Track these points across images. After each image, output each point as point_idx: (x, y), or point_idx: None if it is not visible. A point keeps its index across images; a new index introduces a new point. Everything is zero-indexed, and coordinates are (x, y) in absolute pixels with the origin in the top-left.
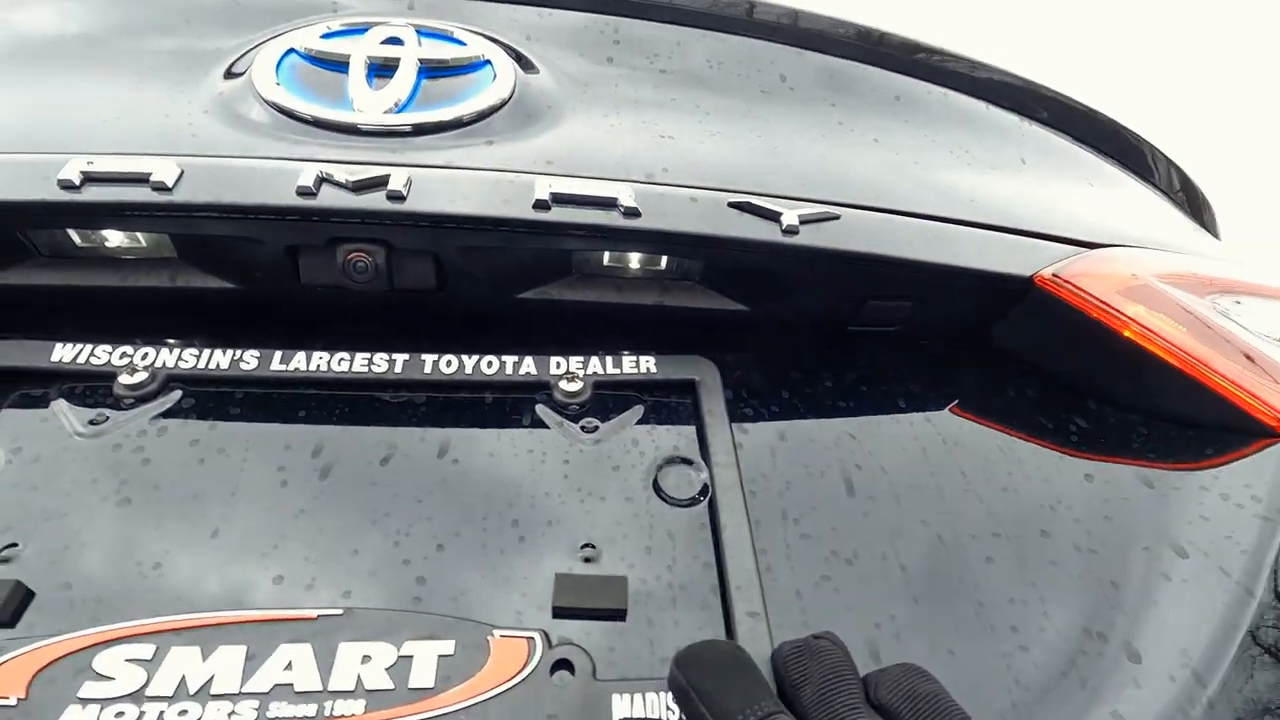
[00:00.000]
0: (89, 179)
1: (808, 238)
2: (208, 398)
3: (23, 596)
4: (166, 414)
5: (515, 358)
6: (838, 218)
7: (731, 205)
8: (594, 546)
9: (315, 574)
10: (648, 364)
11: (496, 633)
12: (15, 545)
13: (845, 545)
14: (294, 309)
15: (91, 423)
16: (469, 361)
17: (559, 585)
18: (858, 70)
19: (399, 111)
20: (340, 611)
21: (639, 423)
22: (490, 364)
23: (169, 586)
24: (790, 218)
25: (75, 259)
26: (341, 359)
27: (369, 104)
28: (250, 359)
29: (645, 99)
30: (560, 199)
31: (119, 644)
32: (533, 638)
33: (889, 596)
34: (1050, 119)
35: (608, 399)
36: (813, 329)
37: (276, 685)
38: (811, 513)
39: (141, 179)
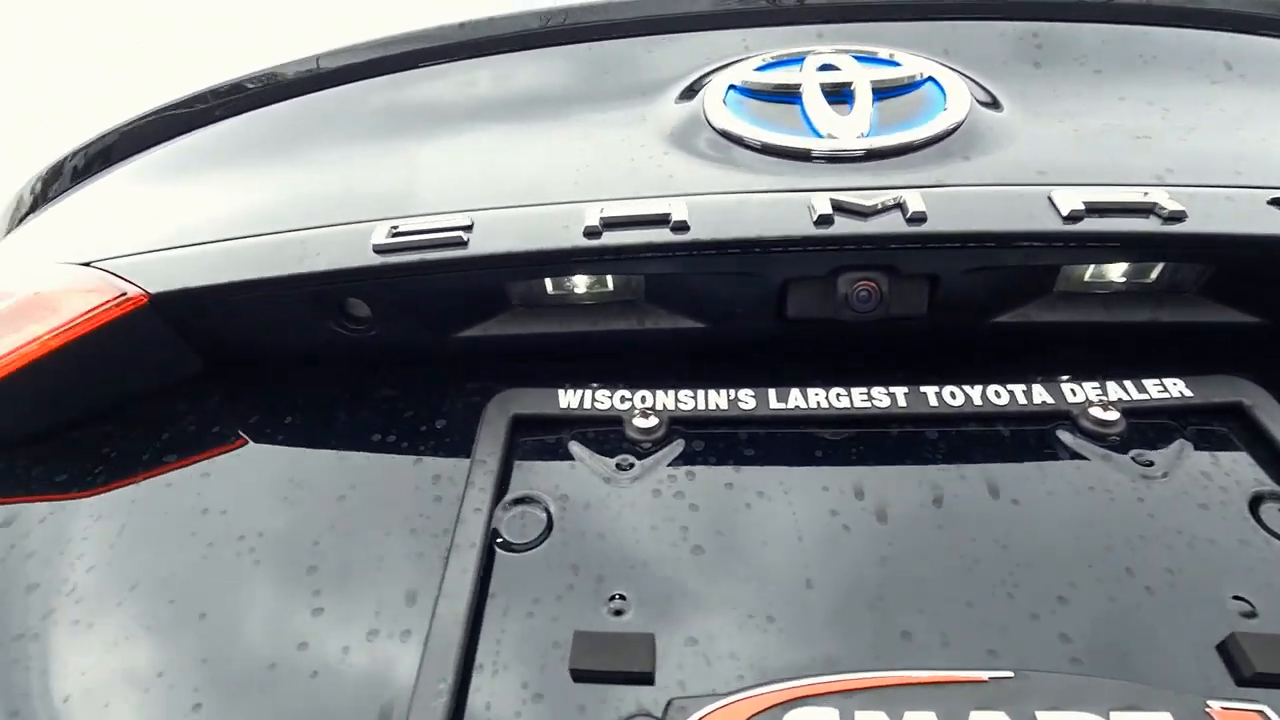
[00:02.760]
0: (607, 224)
1: None
2: (717, 439)
3: (656, 651)
4: (684, 457)
5: (1023, 386)
6: None
7: (1273, 202)
8: (1246, 601)
9: (942, 629)
10: (1178, 387)
11: (1215, 704)
12: (623, 597)
13: None
14: (763, 345)
15: (619, 468)
16: (974, 392)
17: (1248, 646)
18: None
19: (869, 135)
20: (1010, 674)
21: (1195, 453)
22: (997, 393)
23: (798, 642)
24: None
25: (545, 307)
26: (839, 394)
27: (839, 129)
28: (746, 398)
29: (1094, 101)
30: (1094, 209)
31: (800, 705)
32: (1264, 712)
33: None
34: None
35: (1144, 428)
36: None
37: None
38: None
39: (660, 220)
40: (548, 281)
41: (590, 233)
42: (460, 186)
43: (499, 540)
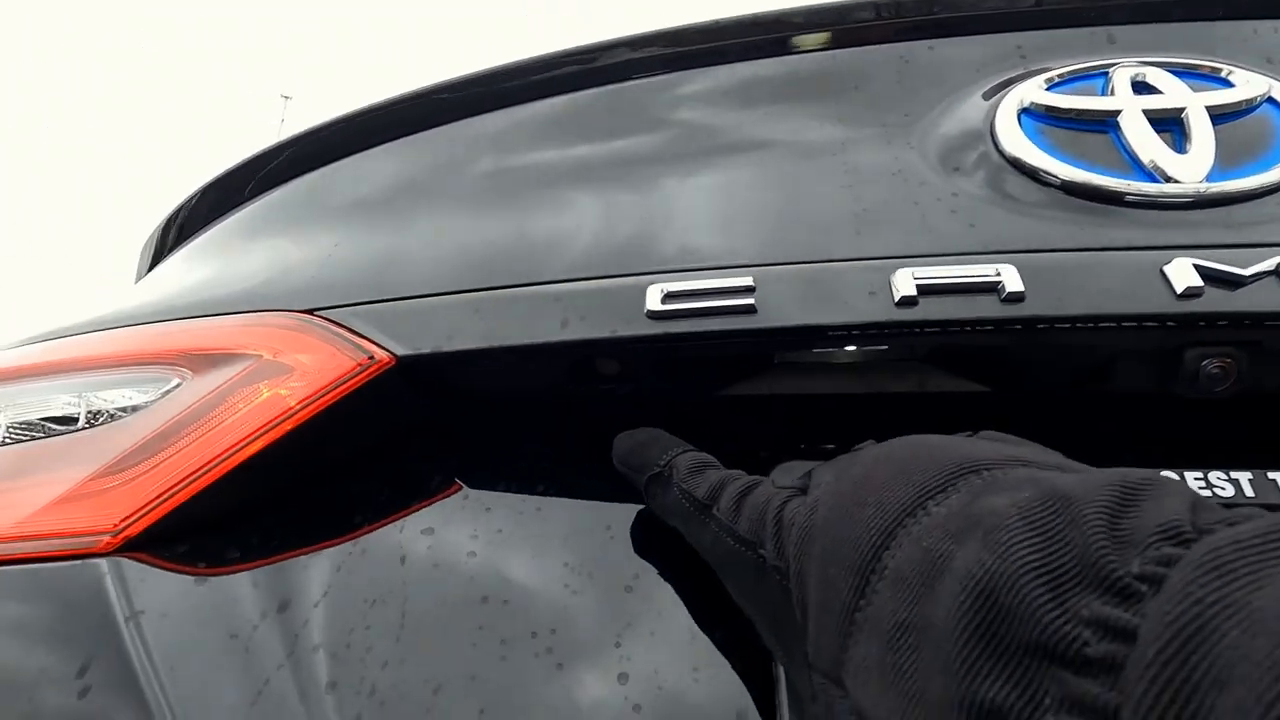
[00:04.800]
0: (924, 291)
1: None
2: None
3: None
4: None
5: None
6: None
7: None
8: None
9: None
10: None
11: None
12: None
13: None
14: (1062, 414)
15: None
16: None
17: None
18: None
19: (1214, 179)
20: None
21: None
22: None
23: None
24: None
25: (809, 366)
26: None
27: (1177, 170)
28: None
29: None
30: None
31: None
32: None
33: None
34: None
35: None
36: None
37: None
38: None
39: (988, 288)
40: None
41: (905, 302)
42: (717, 233)
43: None
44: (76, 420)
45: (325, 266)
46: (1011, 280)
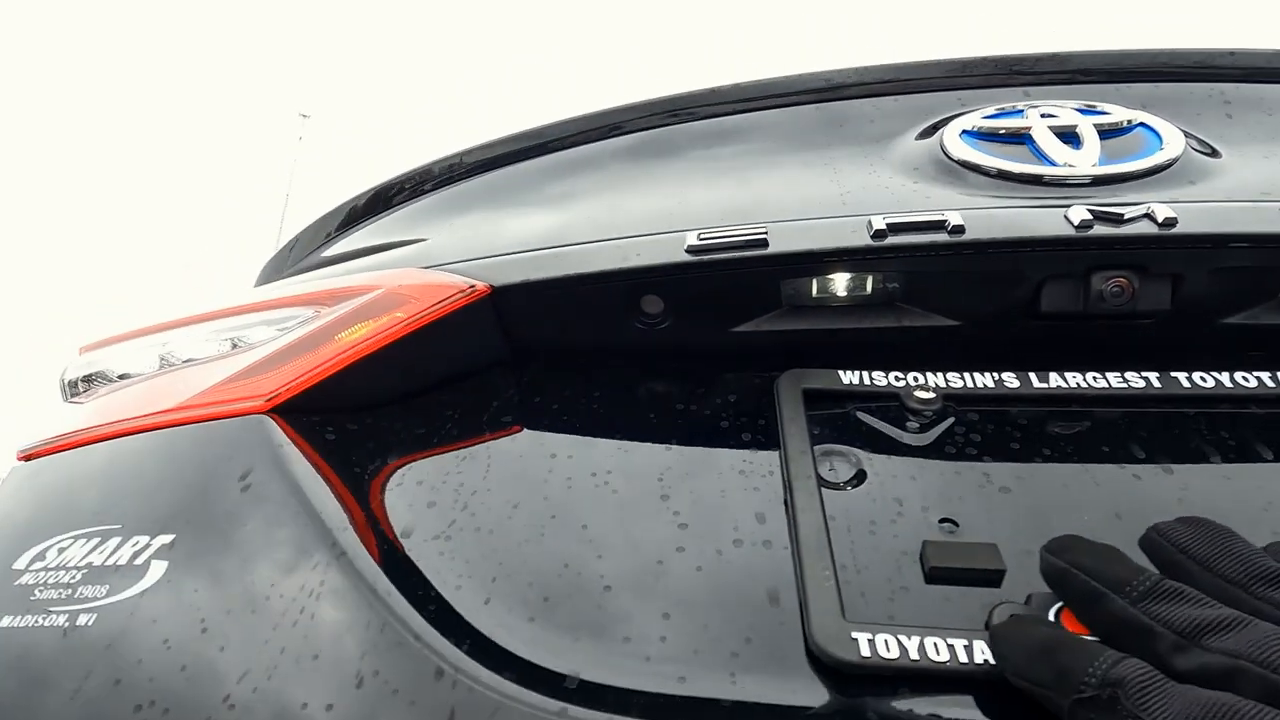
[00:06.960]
0: (892, 229)
1: None
2: (992, 413)
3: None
4: (965, 424)
5: (1268, 373)
6: None
7: None
8: None
9: None
10: None
11: None
12: (953, 521)
13: None
14: (1013, 339)
15: (908, 430)
16: (1223, 376)
17: None
18: None
19: (1103, 164)
20: None
21: None
22: (1245, 378)
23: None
24: None
25: (809, 308)
26: (1095, 377)
27: (1074, 160)
28: (1010, 379)
29: None
30: None
31: None
32: None
33: None
34: None
35: None
36: None
37: None
38: None
39: (938, 225)
40: (813, 284)
41: (878, 235)
42: (740, 210)
43: (821, 480)
44: (226, 348)
45: (443, 245)
46: (955, 219)
